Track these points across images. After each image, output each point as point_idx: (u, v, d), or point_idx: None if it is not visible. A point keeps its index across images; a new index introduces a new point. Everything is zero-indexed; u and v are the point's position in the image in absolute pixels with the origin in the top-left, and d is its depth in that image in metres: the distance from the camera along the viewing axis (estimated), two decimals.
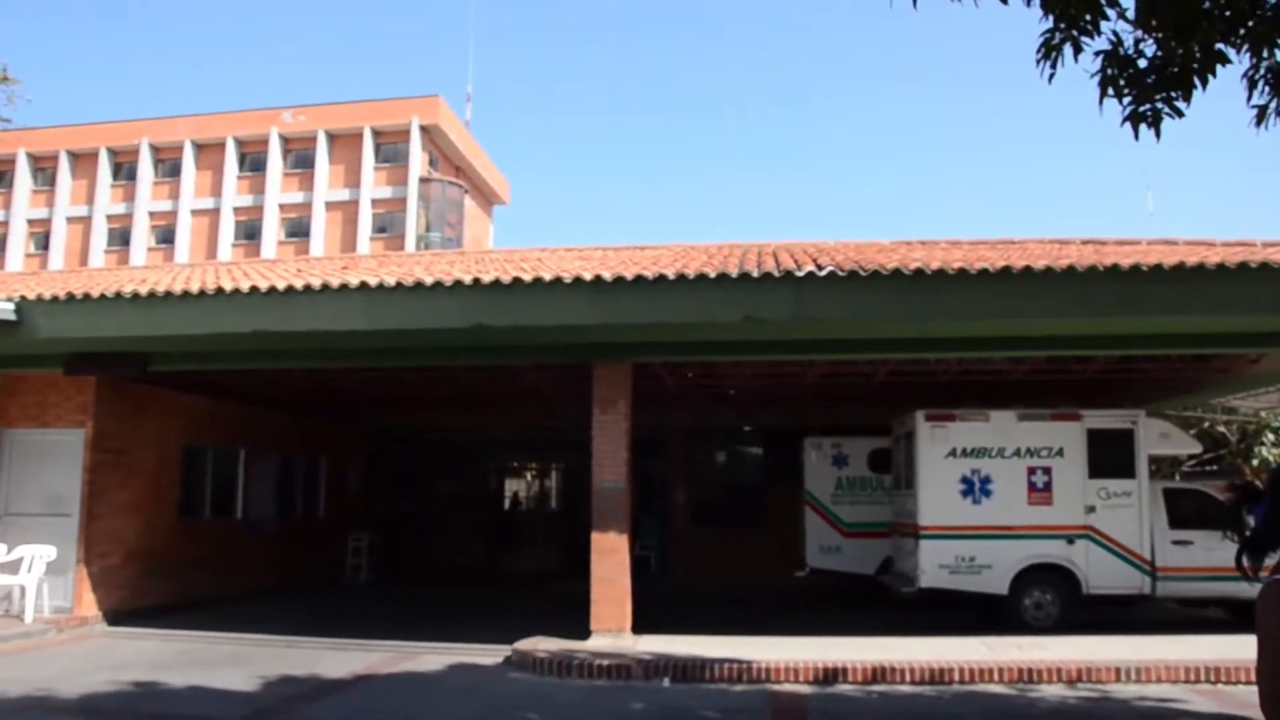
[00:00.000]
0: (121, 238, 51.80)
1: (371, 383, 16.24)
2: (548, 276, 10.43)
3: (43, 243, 52.34)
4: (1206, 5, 4.80)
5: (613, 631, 11.40)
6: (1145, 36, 4.97)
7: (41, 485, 13.60)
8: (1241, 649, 10.23)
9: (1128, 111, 4.93)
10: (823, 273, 10.03)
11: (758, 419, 20.13)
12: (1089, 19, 4.90)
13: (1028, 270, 9.89)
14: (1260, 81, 4.94)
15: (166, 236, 51.37)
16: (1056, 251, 12.00)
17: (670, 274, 10.24)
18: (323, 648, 11.65)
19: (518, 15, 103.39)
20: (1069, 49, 4.95)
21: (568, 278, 10.36)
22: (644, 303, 10.37)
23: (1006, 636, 11.48)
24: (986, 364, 13.91)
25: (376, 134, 50.33)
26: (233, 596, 15.90)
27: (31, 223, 52.76)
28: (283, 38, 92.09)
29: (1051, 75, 4.92)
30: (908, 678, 9.59)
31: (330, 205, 50.13)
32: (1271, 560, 2.92)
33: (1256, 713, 2.73)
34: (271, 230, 50.16)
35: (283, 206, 50.66)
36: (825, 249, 12.96)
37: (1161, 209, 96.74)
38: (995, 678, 9.60)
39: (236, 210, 51.16)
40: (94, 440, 13.47)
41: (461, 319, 10.66)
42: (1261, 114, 5.00)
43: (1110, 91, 4.93)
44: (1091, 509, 12.78)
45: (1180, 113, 4.89)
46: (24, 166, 52.82)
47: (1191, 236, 12.98)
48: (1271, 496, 3.02)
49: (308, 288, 10.90)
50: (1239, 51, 4.88)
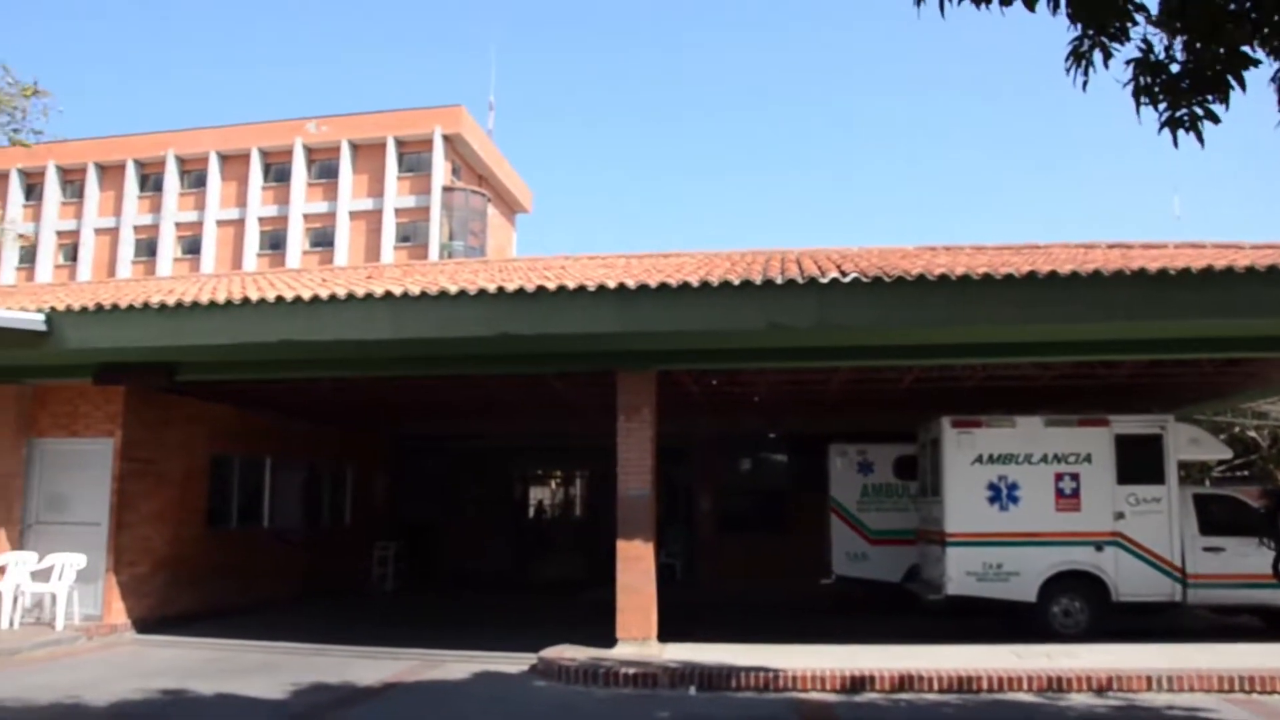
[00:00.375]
0: (148, 248, 52.28)
1: (397, 391, 16.30)
2: (571, 285, 10.45)
3: (71, 254, 52.91)
4: (1232, 7, 4.74)
5: (638, 640, 11.38)
6: (1173, 41, 4.91)
7: (71, 494, 13.75)
8: (1277, 657, 10.13)
9: (1164, 118, 4.87)
10: (846, 279, 10.00)
11: (782, 426, 20.09)
12: (1117, 25, 4.86)
13: (1053, 275, 9.83)
14: None
15: (192, 247, 51.82)
16: (1082, 256, 11.92)
17: (694, 281, 10.24)
18: (350, 655, 11.69)
19: (539, 24, 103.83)
20: (1098, 55, 4.90)
21: (592, 286, 10.37)
22: (668, 310, 10.37)
23: (1034, 644, 11.36)
24: (1012, 369, 13.82)
25: (399, 143, 50.61)
26: (260, 605, 15.98)
27: (60, 234, 53.36)
28: (306, 49, 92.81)
29: (1085, 83, 4.87)
30: (935, 686, 9.53)
31: (354, 215, 50.45)
32: None
33: None
34: (296, 240, 50.52)
35: (307, 216, 51.02)
36: (849, 255, 12.92)
37: (1189, 212, 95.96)
38: (1023, 686, 9.51)
39: (261, 220, 51.56)
40: (123, 449, 13.59)
41: (486, 328, 10.70)
42: None
43: (1144, 99, 4.88)
44: (1120, 515, 12.67)
45: (1216, 118, 4.83)
46: (53, 179, 53.45)
47: (1219, 240, 12.87)
48: None
49: (333, 297, 10.97)
50: (1267, 54, 4.82)
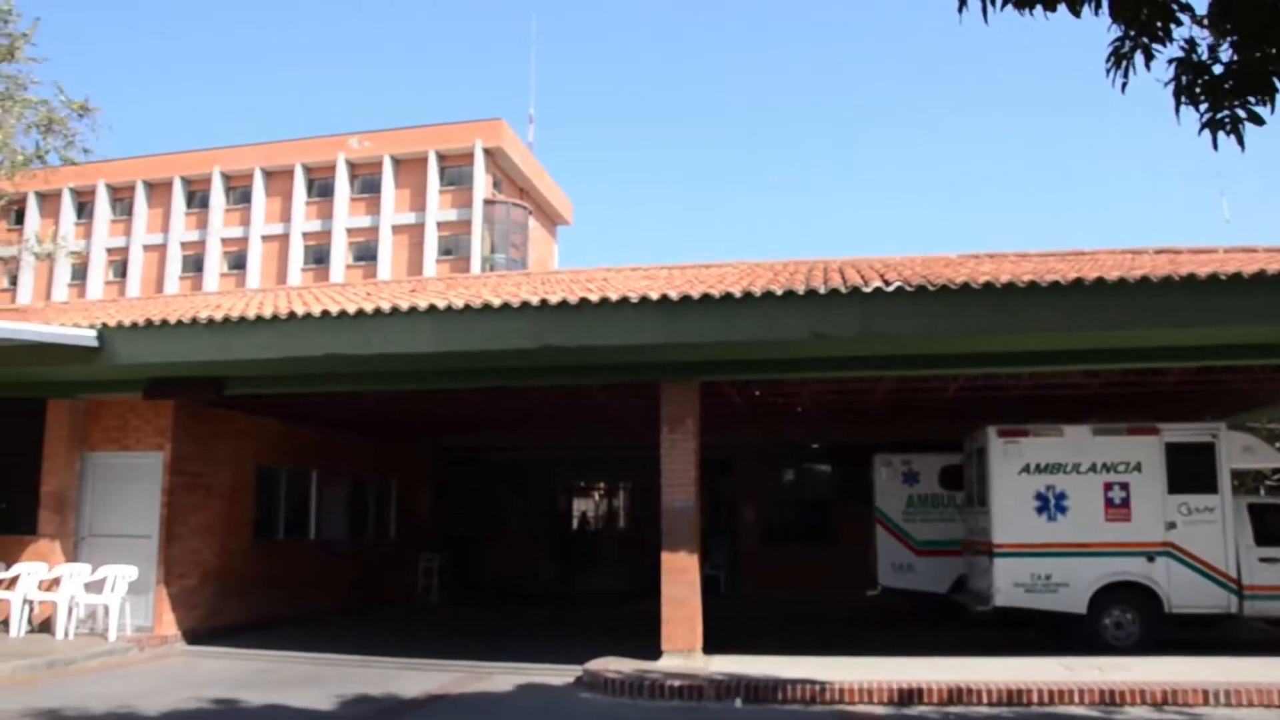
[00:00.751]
0: (195, 264, 53.06)
1: (441, 404, 16.39)
2: (614, 296, 10.46)
3: (121, 270, 53.81)
4: None
5: (684, 651, 11.34)
6: (1220, 41, 4.85)
7: (122, 507, 13.95)
8: None
9: (1205, 119, 4.80)
10: (890, 288, 9.94)
11: (826, 436, 19.97)
12: (1160, 26, 4.80)
13: (1100, 282, 9.70)
14: None
15: (238, 262, 52.52)
16: (1129, 262, 11.77)
17: (737, 292, 10.23)
18: (396, 667, 11.76)
19: (578, 37, 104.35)
20: (1140, 57, 4.84)
21: (634, 297, 10.38)
22: (711, 321, 10.35)
23: (1086, 657, 11.22)
24: (1059, 378, 13.64)
25: (441, 158, 51.00)
26: (306, 616, 16.12)
27: (110, 251, 54.31)
28: (347, 65, 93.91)
29: (1124, 84, 4.82)
30: (985, 699, 9.41)
31: (397, 229, 50.89)
32: None
33: None
34: (340, 254, 51.04)
35: (350, 231, 51.53)
36: (892, 264, 12.85)
37: (1238, 216, 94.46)
38: (1076, 699, 9.37)
39: (305, 235, 52.16)
40: (172, 463, 13.78)
41: (529, 340, 10.74)
42: None
43: (1185, 99, 4.82)
44: (1172, 525, 12.46)
45: (1260, 119, 4.76)
46: (103, 197, 54.45)
47: (1271, 243, 12.65)
48: None
49: (378, 311, 11.06)
50: None
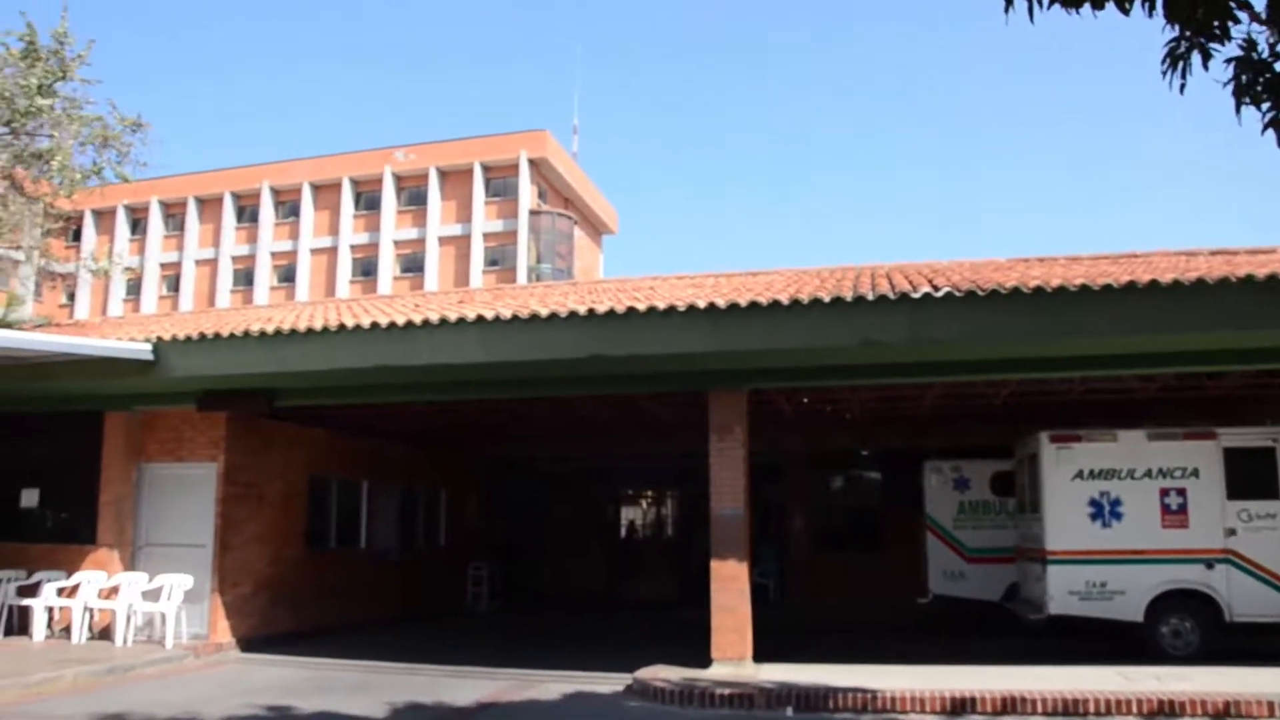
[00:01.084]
0: (245, 278, 53.87)
1: (489, 414, 16.49)
2: (662, 305, 10.48)
3: (174, 285, 54.79)
4: None
5: (734, 660, 11.30)
6: None
7: (178, 516, 14.18)
8: None
9: (1267, 119, 4.71)
10: (939, 293, 9.86)
11: (875, 442, 19.83)
12: (1217, 25, 4.72)
13: (1154, 284, 9.56)
14: None
15: (287, 275, 53.25)
16: (1184, 264, 11.58)
17: (785, 299, 10.19)
18: (446, 675, 11.82)
19: (622, 47, 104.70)
20: (1197, 57, 4.76)
21: (682, 306, 10.39)
22: (759, 329, 10.33)
23: (1143, 666, 10.98)
24: (1112, 382, 13.45)
25: (486, 169, 51.37)
26: (358, 625, 16.25)
27: (163, 266, 55.36)
28: (393, 79, 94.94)
29: (1183, 86, 4.73)
30: (1040, 709, 9.26)
31: (443, 240, 51.34)
32: None
33: None
34: (387, 266, 51.57)
35: (397, 243, 52.06)
36: (940, 269, 12.74)
37: None
38: (1133, 710, 9.19)
39: (353, 248, 52.77)
40: (226, 473, 13.98)
41: (577, 349, 10.78)
42: None
43: (1246, 99, 4.72)
44: (1232, 532, 12.21)
45: None
46: (156, 213, 55.51)
47: None
48: None
49: (426, 322, 11.16)
50: None
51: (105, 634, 13.42)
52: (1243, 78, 4.75)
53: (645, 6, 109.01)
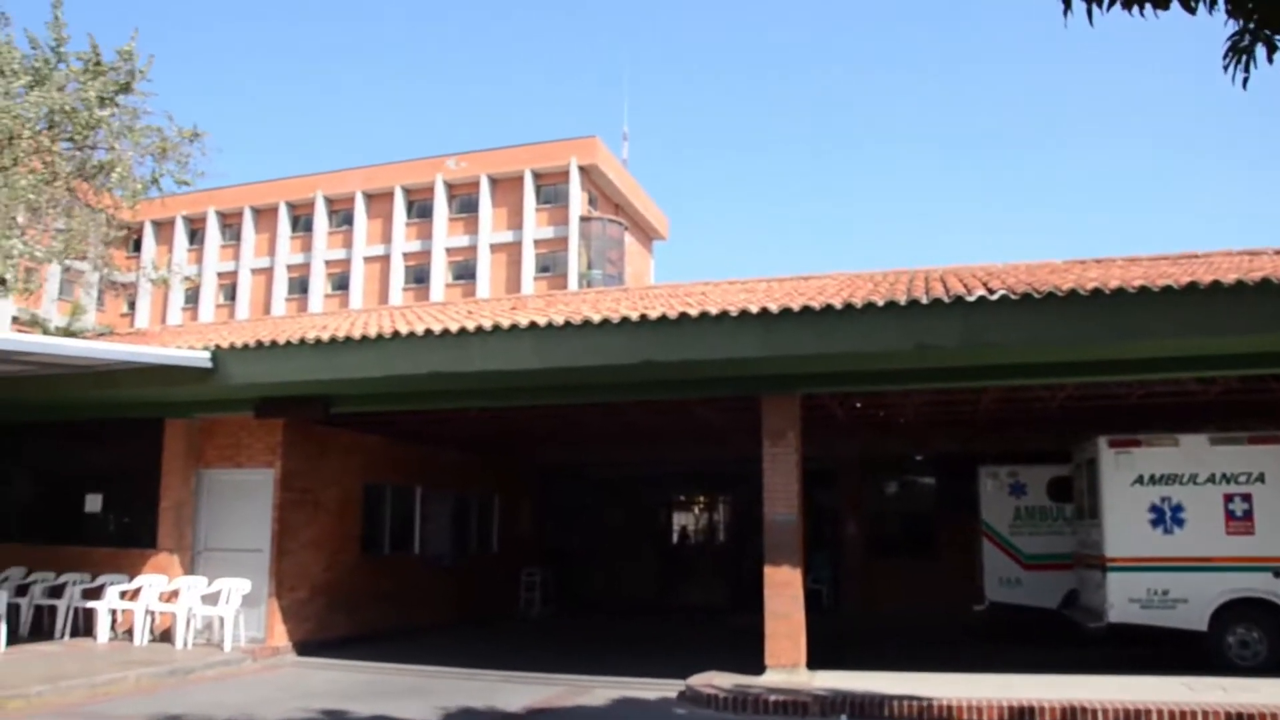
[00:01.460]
0: (300, 286, 54.61)
1: (541, 419, 16.54)
2: (714, 311, 10.44)
3: (230, 293, 55.68)
4: None
5: (787, 667, 11.22)
6: None
7: (236, 522, 14.41)
8: None
9: None
10: (994, 296, 9.73)
11: (929, 447, 19.63)
12: None
13: (1216, 285, 9.34)
14: None
15: (341, 283, 53.89)
16: (1247, 264, 11.31)
17: (838, 304, 10.12)
18: (499, 680, 11.87)
19: (670, 52, 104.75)
20: (1261, 50, 4.65)
21: (734, 311, 10.35)
22: (812, 334, 10.26)
23: (1208, 677, 10.71)
24: (1173, 385, 13.18)
25: (536, 176, 51.65)
26: (411, 630, 16.37)
27: (220, 275, 56.29)
28: (444, 87, 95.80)
29: (1245, 79, 4.63)
30: (1102, 719, 9.10)
31: (494, 247, 51.68)
32: None
33: None
34: (439, 273, 52.00)
35: (449, 250, 52.49)
36: (995, 272, 12.58)
37: None
38: None
39: (406, 256, 53.29)
40: (282, 479, 14.17)
41: (629, 355, 10.78)
42: None
43: None
44: None
45: None
46: (213, 224, 56.48)
47: None
48: None
49: (479, 329, 11.22)
50: None
51: (165, 636, 13.66)
52: None
53: (693, 12, 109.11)
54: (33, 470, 16.11)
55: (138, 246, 51.77)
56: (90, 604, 13.75)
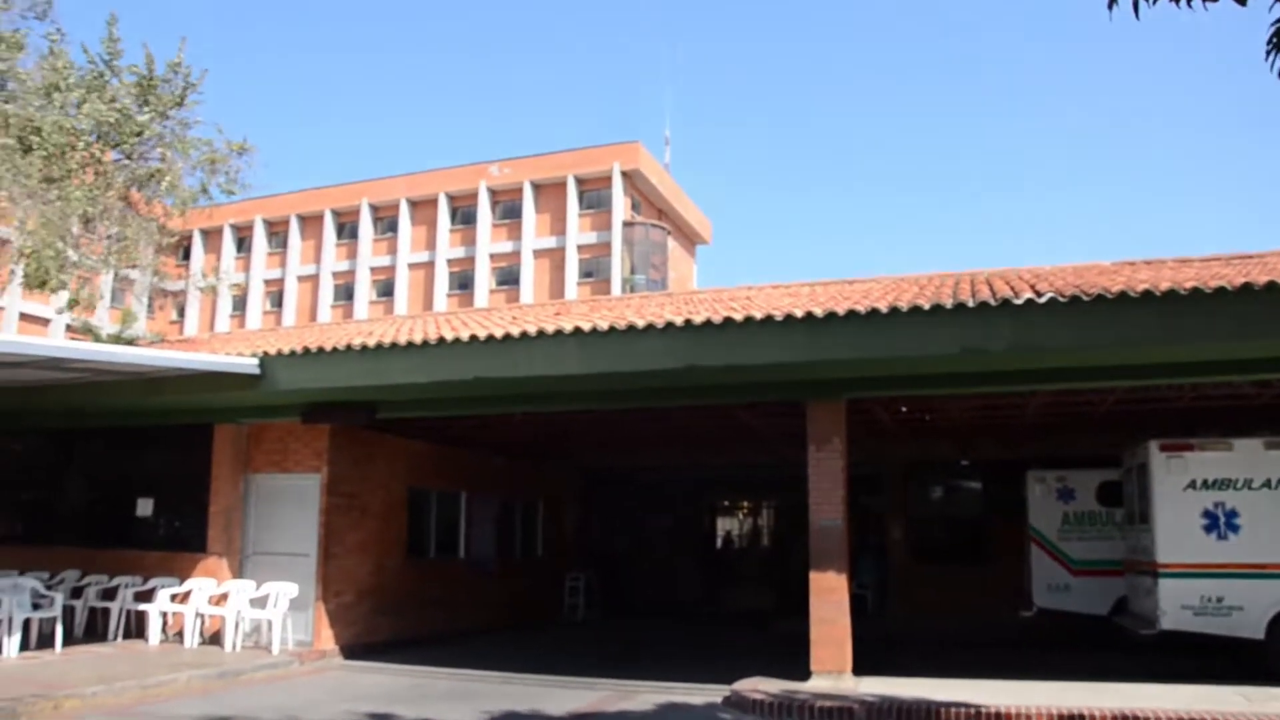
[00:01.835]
0: (345, 293, 55.14)
1: (585, 424, 16.57)
2: (758, 315, 10.40)
3: (277, 300, 56.38)
4: None
5: (833, 673, 11.15)
6: None
7: (283, 526, 14.56)
8: None
9: None
10: (1042, 299, 9.61)
11: (976, 452, 19.41)
12: None
13: (1272, 285, 9.15)
14: None
15: (386, 290, 54.36)
16: None
17: (883, 307, 10.04)
18: (543, 685, 11.90)
19: (711, 58, 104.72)
20: None
21: (779, 315, 10.30)
22: (857, 338, 10.19)
23: (1265, 687, 10.48)
24: (1226, 388, 12.95)
25: (579, 182, 51.78)
26: (456, 633, 16.46)
27: (267, 283, 57.01)
28: (487, 94, 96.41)
29: None
30: None
31: (538, 253, 51.87)
32: None
33: None
34: (483, 279, 52.28)
35: (493, 256, 52.74)
36: (1042, 274, 12.43)
37: None
38: None
39: (450, 262, 53.63)
40: (329, 484, 14.30)
41: (673, 360, 10.76)
42: None
43: None
44: None
45: None
46: (260, 232, 57.22)
47: None
48: None
49: (524, 334, 11.27)
50: None
51: (215, 639, 13.83)
52: None
53: (733, 16, 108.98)
54: (86, 475, 16.39)
55: (187, 255, 52.47)
56: (142, 606, 13.97)
